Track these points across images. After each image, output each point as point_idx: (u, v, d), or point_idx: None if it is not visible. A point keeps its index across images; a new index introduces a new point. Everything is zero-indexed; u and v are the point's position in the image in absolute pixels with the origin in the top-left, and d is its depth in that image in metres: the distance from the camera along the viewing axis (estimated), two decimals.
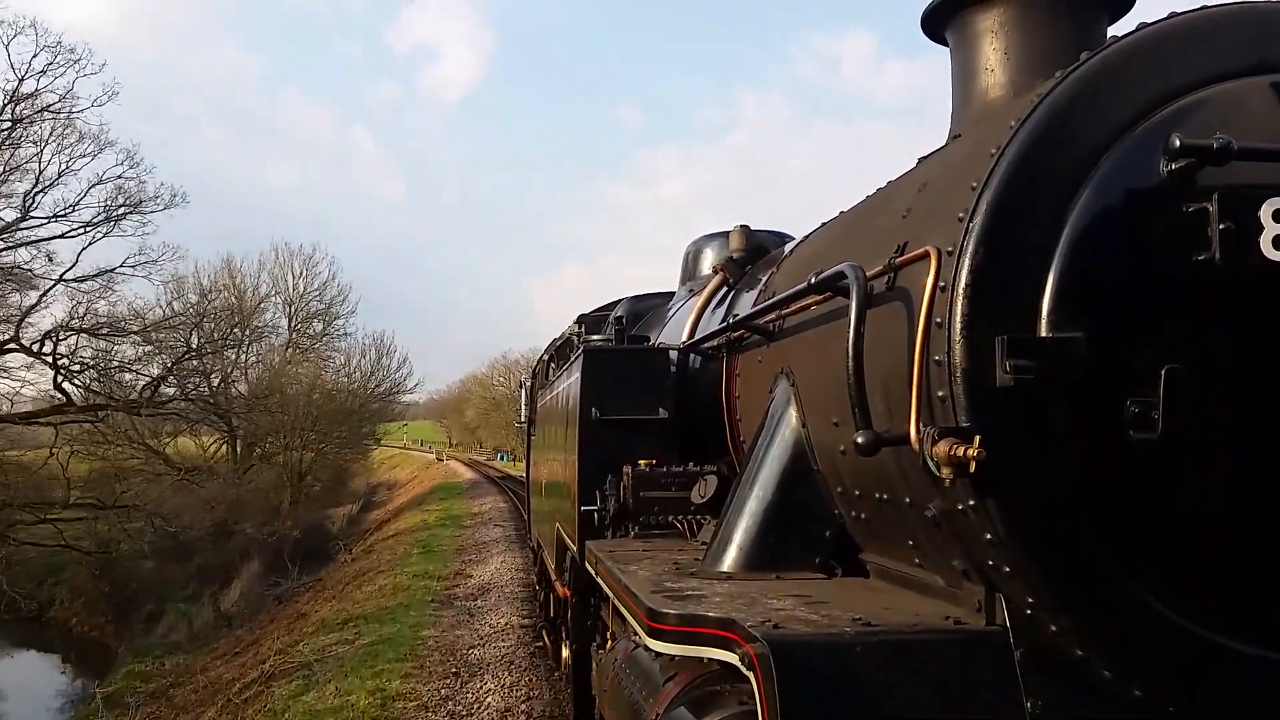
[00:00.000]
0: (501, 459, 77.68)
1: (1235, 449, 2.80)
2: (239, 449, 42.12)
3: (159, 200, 31.99)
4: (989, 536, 2.84)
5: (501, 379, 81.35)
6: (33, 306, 29.27)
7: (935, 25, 4.02)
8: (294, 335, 52.50)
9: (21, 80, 27.05)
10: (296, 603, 23.89)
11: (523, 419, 16.35)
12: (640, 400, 6.04)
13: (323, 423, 44.48)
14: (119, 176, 30.94)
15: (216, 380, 41.12)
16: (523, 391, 17.04)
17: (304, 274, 53.78)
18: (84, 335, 29.41)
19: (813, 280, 3.69)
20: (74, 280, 30.12)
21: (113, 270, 31.50)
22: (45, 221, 29.31)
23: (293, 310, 53.31)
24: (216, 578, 32.88)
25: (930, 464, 2.77)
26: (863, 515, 3.79)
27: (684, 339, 6.54)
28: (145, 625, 29.79)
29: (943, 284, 2.88)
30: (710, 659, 3.22)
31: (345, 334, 55.09)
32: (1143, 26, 2.97)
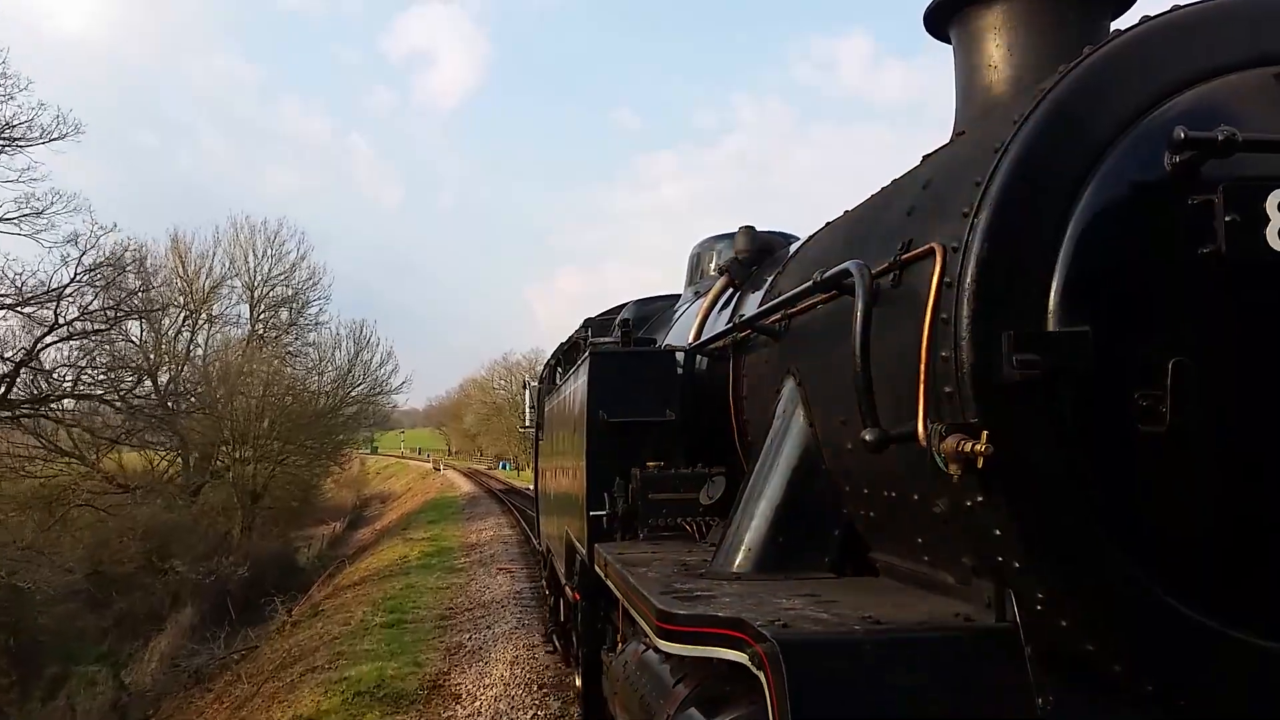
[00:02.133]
0: (504, 468, 75.19)
1: (1244, 441, 2.79)
2: (190, 463, 33.78)
3: (34, 126, 22.35)
4: (997, 532, 2.83)
5: (502, 381, 76.80)
6: None
7: (938, 22, 4.02)
8: (257, 326, 43.94)
9: None
10: (210, 689, 17.38)
11: (527, 423, 16.26)
12: (647, 402, 6.05)
13: (283, 427, 35.74)
14: None
15: (165, 378, 33.62)
16: (527, 392, 16.94)
17: (268, 254, 44.61)
18: None
19: (818, 279, 3.70)
20: None
21: None
22: None
23: (255, 296, 44.26)
24: (140, 630, 26.09)
25: (938, 460, 2.76)
26: (871, 513, 3.79)
27: (690, 340, 6.54)
28: (47, 692, 22.79)
29: (948, 280, 2.88)
30: (720, 659, 3.22)
31: (318, 324, 45.92)
32: (1145, 20, 2.97)
